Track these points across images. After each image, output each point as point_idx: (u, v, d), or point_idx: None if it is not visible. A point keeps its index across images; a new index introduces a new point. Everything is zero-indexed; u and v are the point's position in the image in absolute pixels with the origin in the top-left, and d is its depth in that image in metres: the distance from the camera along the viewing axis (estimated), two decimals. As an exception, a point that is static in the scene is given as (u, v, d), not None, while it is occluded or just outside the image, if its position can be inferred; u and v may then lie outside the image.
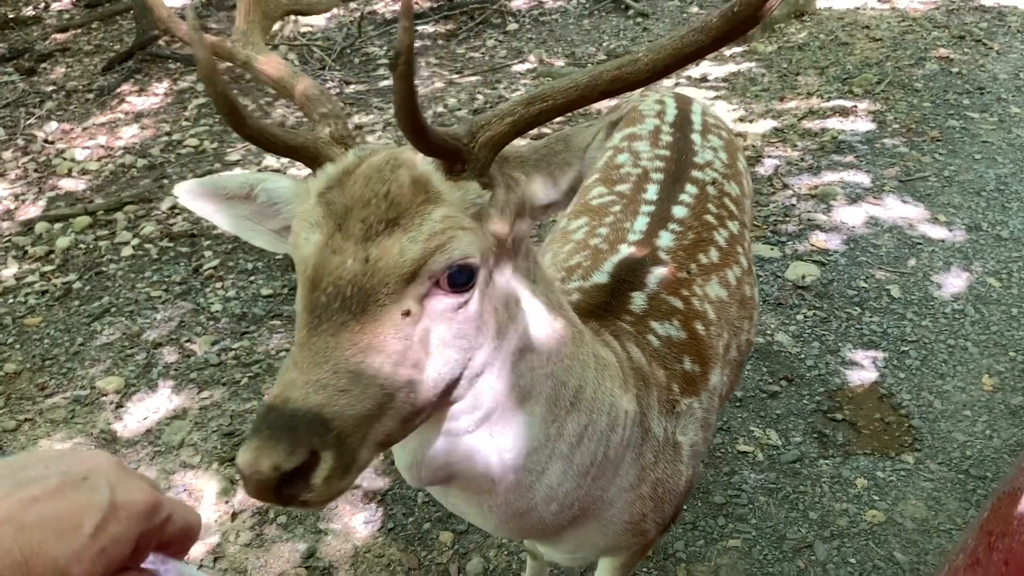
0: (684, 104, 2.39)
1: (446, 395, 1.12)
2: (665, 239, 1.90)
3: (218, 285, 4.22)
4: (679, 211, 1.98)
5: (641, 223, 1.95)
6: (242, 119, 1.07)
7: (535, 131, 1.29)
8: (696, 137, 2.23)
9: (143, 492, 0.67)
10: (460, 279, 1.07)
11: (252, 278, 4.24)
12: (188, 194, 1.25)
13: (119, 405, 3.39)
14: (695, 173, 2.10)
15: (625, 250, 1.87)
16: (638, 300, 1.73)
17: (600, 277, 1.79)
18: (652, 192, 2.04)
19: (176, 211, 4.94)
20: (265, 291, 4.12)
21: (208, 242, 4.60)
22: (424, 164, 1.10)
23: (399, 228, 1.04)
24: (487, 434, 1.23)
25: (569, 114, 1.64)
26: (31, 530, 0.59)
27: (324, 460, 0.93)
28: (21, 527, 0.58)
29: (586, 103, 1.15)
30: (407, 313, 1.03)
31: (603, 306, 1.69)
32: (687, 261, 1.87)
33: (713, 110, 2.47)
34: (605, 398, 1.39)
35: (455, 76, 6.64)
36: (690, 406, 1.67)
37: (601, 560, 2.03)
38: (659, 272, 1.80)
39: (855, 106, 5.31)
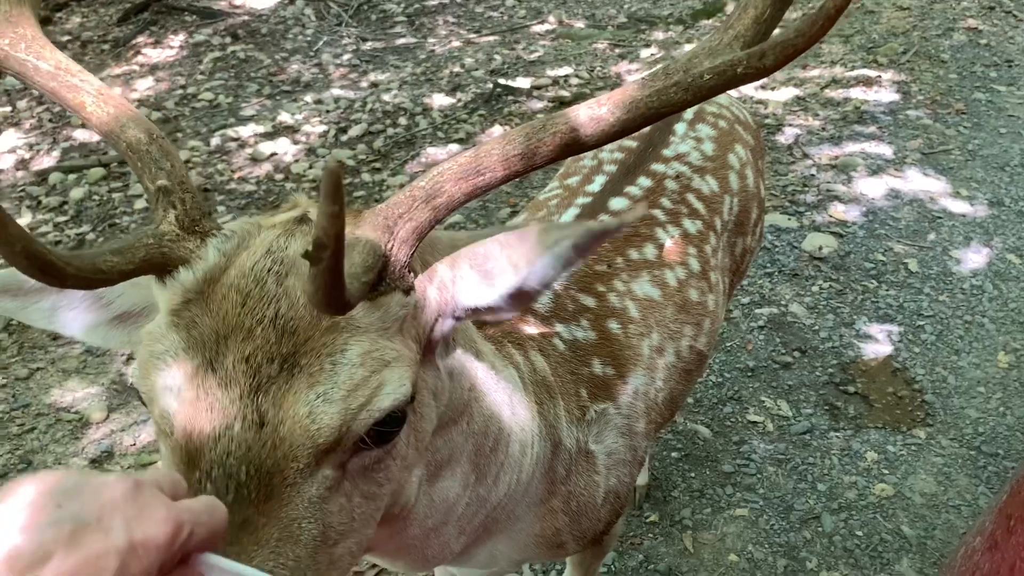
0: None
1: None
2: None
3: (230, 240, 4.20)
4: (617, 203, 1.82)
5: (569, 215, 1.81)
6: (62, 274, 0.78)
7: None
8: (680, 127, 2.07)
9: (161, 523, 0.64)
10: (390, 427, 0.87)
11: (265, 234, 4.22)
12: None
13: (130, 357, 3.40)
14: (655, 165, 1.96)
15: None
16: (545, 299, 1.60)
17: None
18: (597, 184, 1.92)
19: (190, 164, 4.92)
20: (277, 248, 4.10)
21: (221, 196, 4.58)
22: None
23: (301, 373, 0.81)
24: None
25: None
26: None
27: None
28: None
29: (528, 172, 0.92)
30: (325, 487, 0.83)
31: None
32: (611, 254, 1.74)
33: (727, 98, 2.28)
34: (515, 426, 1.29)
35: (473, 35, 6.56)
36: (603, 412, 1.56)
37: (568, 560, 2.02)
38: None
39: (879, 76, 5.21)
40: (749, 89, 5.12)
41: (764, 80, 5.26)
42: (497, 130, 5.00)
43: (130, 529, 0.61)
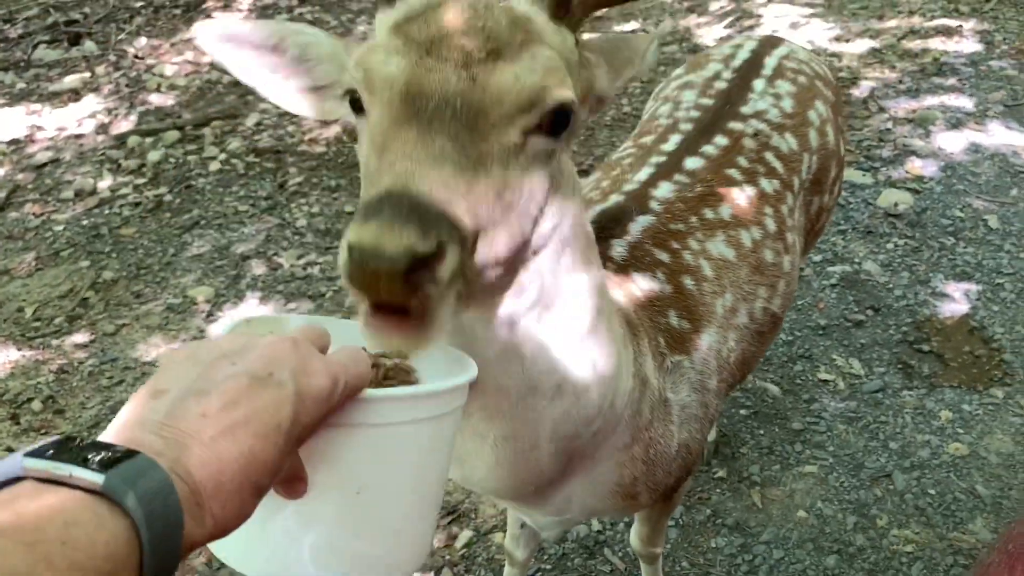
0: (765, 47, 2.17)
1: (518, 256, 1.01)
2: (664, 189, 1.75)
3: (302, 201, 4.29)
4: (693, 163, 1.82)
5: (644, 174, 1.80)
6: None
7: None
8: (758, 83, 2.03)
9: (322, 375, 0.70)
10: (560, 125, 0.96)
11: (335, 195, 4.31)
12: (210, 37, 1.10)
13: (210, 314, 3.52)
14: (732, 123, 1.92)
15: (614, 199, 1.73)
16: (618, 248, 1.59)
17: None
18: (672, 143, 1.89)
19: (261, 127, 5.02)
20: (348, 208, 4.18)
21: (292, 159, 4.67)
22: (525, 3, 1.01)
23: (503, 60, 0.92)
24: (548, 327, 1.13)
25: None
26: (242, 438, 0.62)
27: (450, 254, 0.79)
28: (234, 438, 0.62)
29: None
30: (513, 141, 0.92)
31: (579, 252, 1.42)
32: (685, 213, 1.71)
33: (806, 53, 2.25)
34: (616, 333, 1.28)
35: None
36: (679, 364, 1.55)
37: (637, 516, 2.03)
38: (645, 220, 1.66)
39: (960, 25, 5.02)
40: (824, 41, 4.99)
41: (839, 32, 5.12)
42: (563, 88, 4.97)
43: (298, 381, 0.67)
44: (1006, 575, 1.32)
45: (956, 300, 3.25)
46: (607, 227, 1.62)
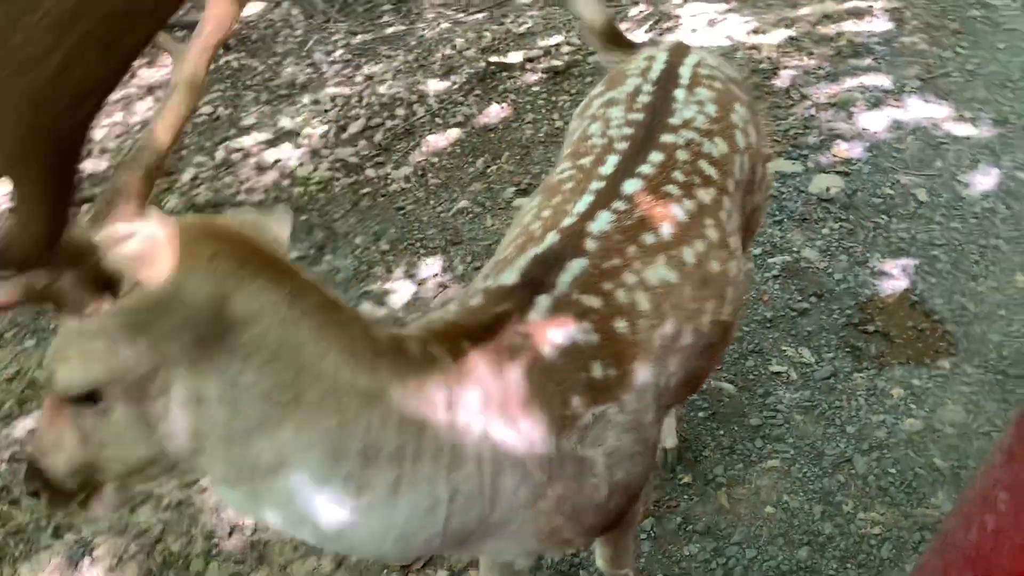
0: (676, 57, 2.19)
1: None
2: (601, 221, 1.72)
3: (246, 253, 4.27)
4: (631, 185, 1.80)
5: (583, 203, 1.78)
6: None
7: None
8: (679, 93, 2.05)
9: None
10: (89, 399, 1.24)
11: (278, 243, 4.28)
12: None
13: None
14: (665, 137, 1.92)
15: (551, 239, 1.70)
16: (542, 305, 1.56)
17: (509, 276, 1.63)
18: (610, 165, 1.87)
19: (197, 181, 4.98)
20: (293, 253, 4.16)
21: (230, 209, 4.64)
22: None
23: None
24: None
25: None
26: None
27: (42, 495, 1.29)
28: None
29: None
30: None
31: (494, 321, 1.51)
32: (623, 244, 1.70)
33: (715, 59, 2.27)
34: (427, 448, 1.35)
35: (461, 15, 6.54)
36: (601, 414, 1.53)
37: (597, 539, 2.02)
38: (577, 266, 1.63)
39: (870, 6, 5.14)
40: (742, 35, 5.08)
41: (756, 24, 5.22)
42: (494, 109, 5.01)
43: None
44: (962, 534, 1.36)
45: (895, 277, 3.33)
46: (535, 279, 1.60)
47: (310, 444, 1.26)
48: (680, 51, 2.23)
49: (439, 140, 4.84)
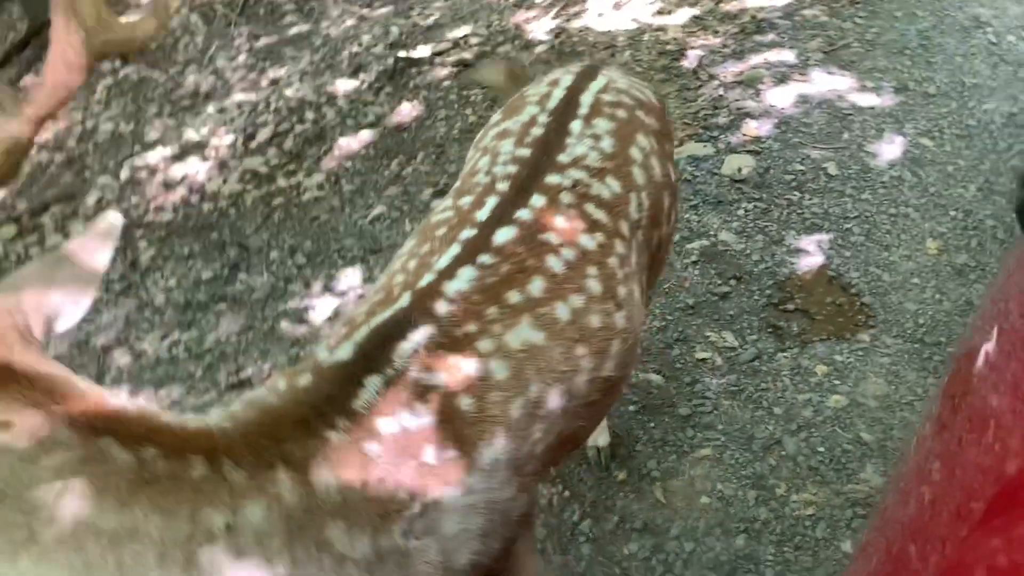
0: (582, 81, 2.03)
1: None
2: (461, 279, 1.57)
3: (158, 275, 4.12)
4: (503, 235, 1.65)
5: (448, 256, 1.63)
6: None
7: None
8: (576, 125, 1.90)
9: None
10: None
11: (190, 263, 4.15)
12: None
13: (77, 421, 3.34)
14: (550, 177, 1.77)
15: (402, 301, 1.55)
16: (370, 389, 1.40)
17: (345, 352, 1.46)
18: (487, 209, 1.72)
19: (104, 203, 4.79)
20: (205, 274, 4.04)
21: (140, 231, 4.48)
22: None
23: None
24: None
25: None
26: None
27: None
28: None
29: None
30: None
31: (312, 414, 1.37)
32: (482, 306, 1.55)
33: (625, 80, 2.12)
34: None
35: (365, 10, 6.39)
36: (434, 503, 1.40)
37: None
38: (422, 335, 1.48)
39: (771, -21, 5.18)
40: (647, 17, 5.07)
41: (660, 5, 5.22)
42: (406, 107, 4.91)
43: None
44: (900, 509, 1.37)
45: (811, 253, 3.37)
46: (371, 355, 1.45)
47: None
48: (587, 75, 2.07)
49: (351, 143, 4.73)
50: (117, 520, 1.18)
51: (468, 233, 1.68)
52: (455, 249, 1.65)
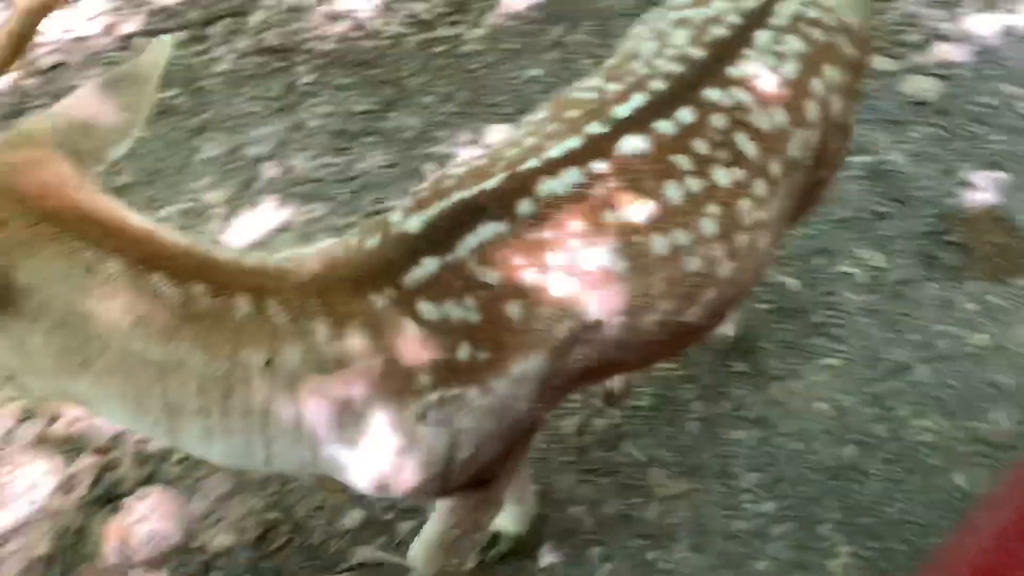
0: None
1: None
2: (560, 181, 1.45)
3: (314, 101, 4.21)
4: (630, 144, 1.50)
5: (562, 148, 1.49)
6: None
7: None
8: (763, 37, 1.66)
9: None
10: None
11: (347, 94, 4.22)
12: None
13: (226, 218, 3.51)
14: (710, 91, 1.58)
15: (492, 184, 1.44)
16: (424, 269, 1.37)
17: (414, 223, 1.42)
18: (627, 107, 1.55)
19: (267, 25, 4.89)
20: (359, 107, 4.10)
21: (302, 57, 4.56)
22: None
23: None
24: None
25: None
26: None
27: None
28: None
29: None
30: None
31: (366, 276, 1.37)
32: (571, 216, 1.43)
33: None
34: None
35: None
36: (454, 397, 1.39)
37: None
38: (490, 231, 1.40)
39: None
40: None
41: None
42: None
43: None
44: None
45: (983, 189, 3.18)
46: (434, 237, 1.40)
47: (108, 397, 1.29)
48: None
49: (516, 3, 4.66)
50: (162, 352, 1.24)
51: (595, 128, 1.53)
52: (573, 142, 1.51)
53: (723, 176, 1.54)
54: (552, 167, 1.47)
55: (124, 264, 1.20)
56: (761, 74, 1.62)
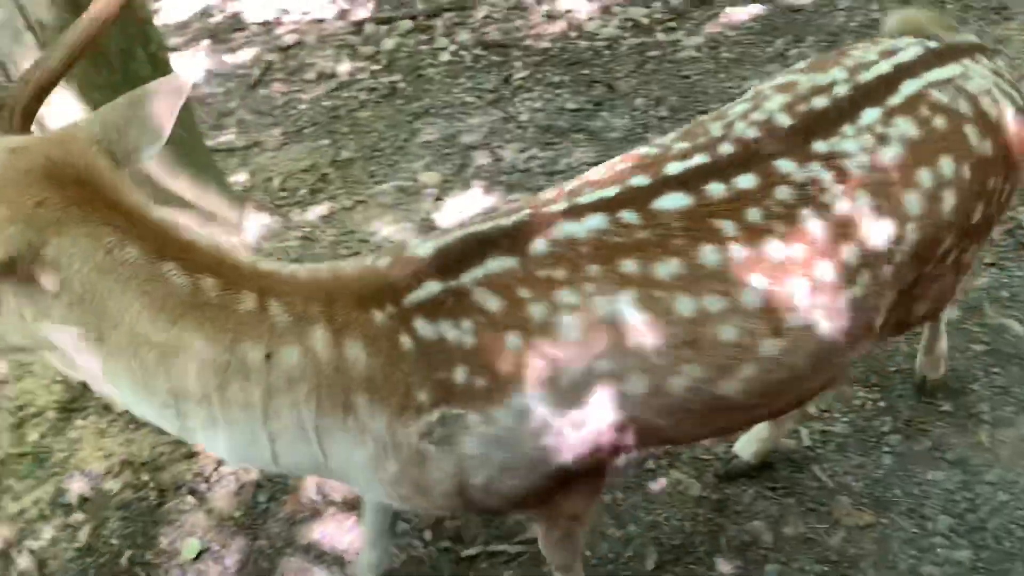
0: (928, 62, 1.65)
1: None
2: (583, 226, 1.46)
3: (526, 96, 4.35)
4: (669, 202, 1.46)
5: (595, 195, 1.50)
6: None
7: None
8: (870, 114, 1.56)
9: None
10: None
11: (559, 91, 4.33)
12: None
13: (438, 198, 3.69)
14: (783, 163, 1.50)
15: (513, 220, 1.49)
16: (426, 290, 1.42)
17: (426, 248, 1.49)
18: (681, 167, 1.52)
19: (489, 20, 5.08)
20: (570, 105, 4.20)
21: (518, 53, 4.72)
22: None
23: None
24: None
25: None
26: None
27: None
28: None
29: None
30: None
31: (371, 292, 1.44)
32: (589, 260, 1.42)
33: (984, 79, 1.68)
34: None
35: None
36: (456, 417, 1.41)
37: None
38: (498, 266, 1.43)
39: None
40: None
41: None
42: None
43: None
44: None
45: None
46: (443, 265, 1.45)
47: (118, 374, 1.38)
48: (943, 56, 1.68)
49: (739, 13, 4.62)
50: (166, 336, 1.33)
51: (638, 181, 1.51)
52: (610, 191, 1.51)
53: (775, 251, 1.47)
54: (577, 212, 1.49)
55: (141, 250, 1.31)
56: (853, 153, 1.53)
